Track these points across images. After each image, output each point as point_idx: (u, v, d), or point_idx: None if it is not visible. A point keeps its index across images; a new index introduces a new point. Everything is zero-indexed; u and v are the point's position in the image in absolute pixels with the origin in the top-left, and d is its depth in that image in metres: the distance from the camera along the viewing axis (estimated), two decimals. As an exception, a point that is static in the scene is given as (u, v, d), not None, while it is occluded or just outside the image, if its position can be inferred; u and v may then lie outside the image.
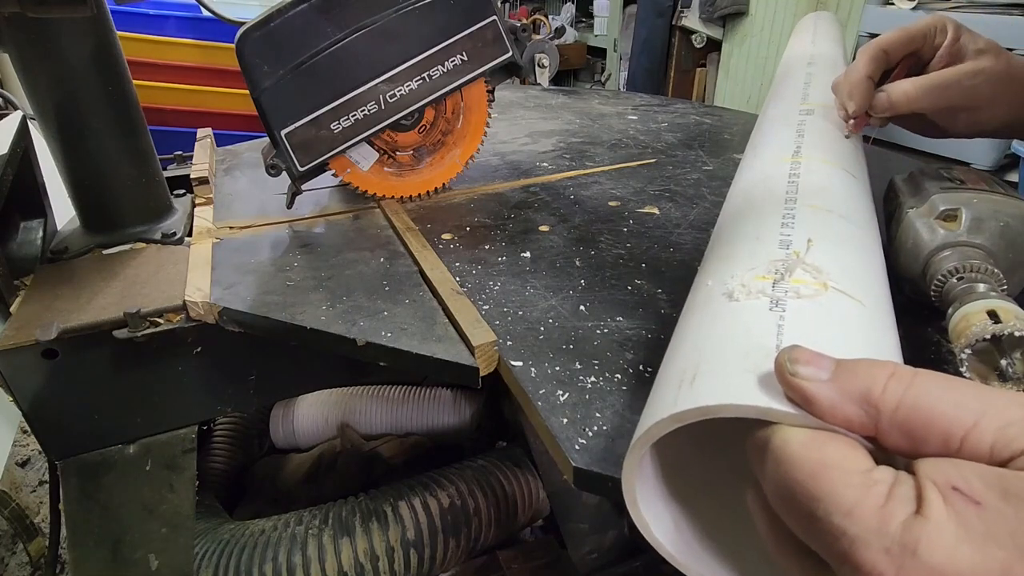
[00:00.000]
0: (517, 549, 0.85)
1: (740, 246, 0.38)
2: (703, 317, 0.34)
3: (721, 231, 0.45)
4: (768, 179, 0.46)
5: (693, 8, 3.02)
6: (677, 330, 0.37)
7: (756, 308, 0.31)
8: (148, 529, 0.62)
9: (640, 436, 0.28)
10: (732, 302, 0.32)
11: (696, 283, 0.41)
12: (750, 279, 0.33)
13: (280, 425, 0.98)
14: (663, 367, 0.34)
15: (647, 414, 0.29)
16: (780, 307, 0.30)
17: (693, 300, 0.38)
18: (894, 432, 0.22)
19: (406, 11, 0.66)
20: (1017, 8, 1.68)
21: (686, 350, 0.32)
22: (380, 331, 0.51)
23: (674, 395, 0.28)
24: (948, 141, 1.70)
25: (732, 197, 0.51)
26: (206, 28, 2.42)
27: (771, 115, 0.62)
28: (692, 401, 0.26)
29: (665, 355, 0.35)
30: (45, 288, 0.60)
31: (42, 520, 1.21)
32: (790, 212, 0.40)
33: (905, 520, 0.20)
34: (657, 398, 0.30)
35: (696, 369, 0.28)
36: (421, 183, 0.78)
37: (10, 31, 0.57)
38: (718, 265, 0.38)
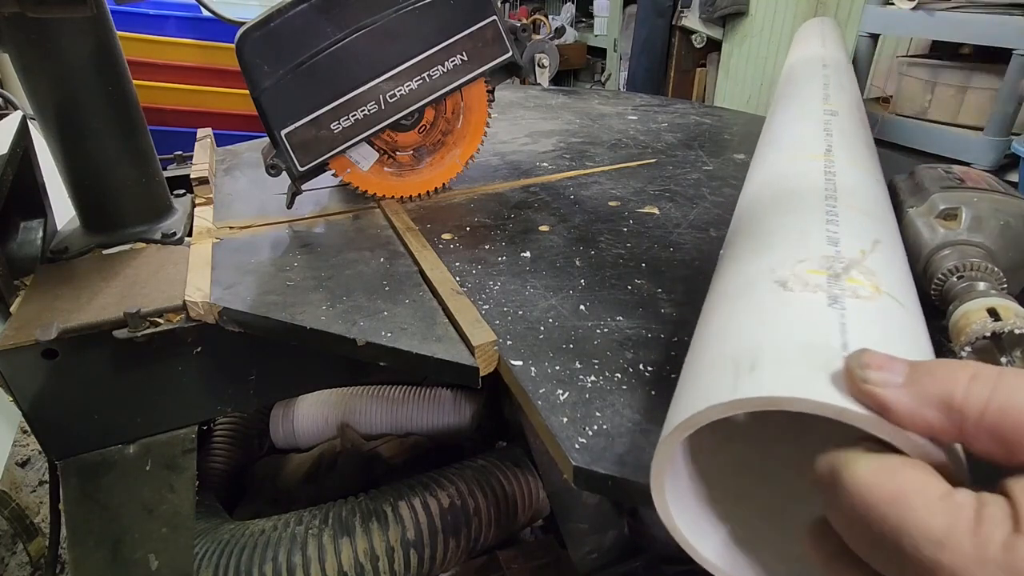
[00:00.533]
0: (517, 549, 0.85)
1: (784, 237, 0.38)
2: (751, 303, 0.33)
3: (751, 218, 0.45)
4: (803, 174, 0.46)
5: (693, 8, 3.02)
6: (713, 311, 0.36)
7: (814, 302, 0.30)
8: (148, 529, 0.62)
9: (688, 418, 0.27)
10: (786, 292, 0.32)
11: (727, 266, 0.40)
12: (802, 271, 0.33)
13: (280, 425, 0.98)
14: (699, 351, 0.33)
15: (693, 397, 0.28)
16: (839, 305, 0.30)
17: (728, 283, 0.37)
18: (983, 436, 0.21)
19: (406, 11, 0.66)
20: (1017, 8, 1.68)
21: (736, 335, 0.31)
22: (380, 331, 0.51)
23: (731, 381, 0.27)
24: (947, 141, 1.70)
25: (757, 183, 0.51)
26: (206, 28, 2.42)
27: (794, 111, 0.62)
28: (756, 389, 0.25)
29: (699, 336, 0.35)
30: (45, 288, 0.60)
31: (42, 520, 1.21)
32: (832, 210, 0.40)
33: (1005, 541, 0.19)
34: (706, 382, 0.29)
35: (754, 357, 0.27)
36: (421, 183, 0.78)
37: (10, 31, 0.57)
38: (758, 251, 0.38)
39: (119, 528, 0.61)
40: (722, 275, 0.40)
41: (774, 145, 0.57)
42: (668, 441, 0.28)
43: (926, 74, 1.92)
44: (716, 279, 0.41)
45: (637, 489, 0.37)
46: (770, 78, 2.76)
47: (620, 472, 0.37)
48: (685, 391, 0.30)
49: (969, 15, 1.75)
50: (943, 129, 1.91)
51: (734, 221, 0.49)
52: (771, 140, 0.59)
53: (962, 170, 0.53)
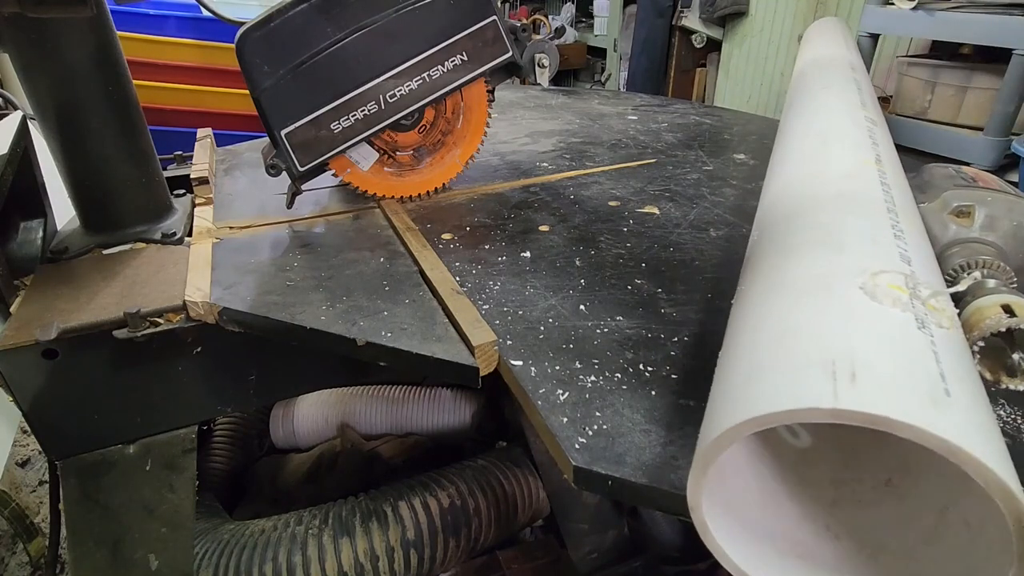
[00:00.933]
0: (517, 549, 0.85)
1: (854, 239, 0.37)
2: (835, 305, 0.31)
3: (802, 212, 0.43)
4: (860, 177, 0.46)
5: (693, 8, 3.02)
6: (766, 304, 0.34)
7: (904, 321, 0.29)
8: (148, 529, 0.62)
9: (773, 413, 0.25)
10: (873, 302, 0.31)
11: (777, 259, 0.38)
12: (884, 283, 0.32)
13: (280, 425, 0.98)
14: (766, 340, 0.31)
15: (773, 393, 0.26)
16: (927, 331, 0.29)
17: (793, 278, 0.35)
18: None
19: (406, 11, 0.66)
20: (1017, 8, 1.68)
21: (819, 336, 0.29)
22: (380, 331, 0.51)
23: (830, 387, 0.25)
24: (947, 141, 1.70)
25: (799, 175, 0.49)
26: (206, 28, 2.42)
27: (836, 109, 0.60)
28: (863, 404, 0.24)
29: (754, 326, 0.33)
30: (45, 288, 0.60)
31: (42, 520, 1.20)
32: (896, 224, 0.39)
33: None
34: (790, 380, 0.27)
35: (852, 366, 0.26)
36: (421, 183, 0.78)
37: (10, 31, 0.57)
38: (828, 249, 0.36)
39: (119, 528, 0.61)
40: (771, 264, 0.38)
41: (819, 137, 0.55)
42: (739, 429, 0.26)
43: (926, 74, 1.92)
44: (759, 265, 0.39)
45: (637, 489, 0.37)
46: (770, 78, 2.76)
47: (620, 472, 0.37)
48: (756, 382, 0.28)
49: (969, 15, 1.75)
50: (943, 129, 1.91)
51: (768, 204, 0.48)
52: (804, 132, 0.58)
53: (973, 171, 0.53)
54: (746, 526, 0.32)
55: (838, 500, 0.33)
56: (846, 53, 0.78)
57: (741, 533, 0.32)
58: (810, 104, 0.64)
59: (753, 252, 0.43)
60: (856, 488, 0.33)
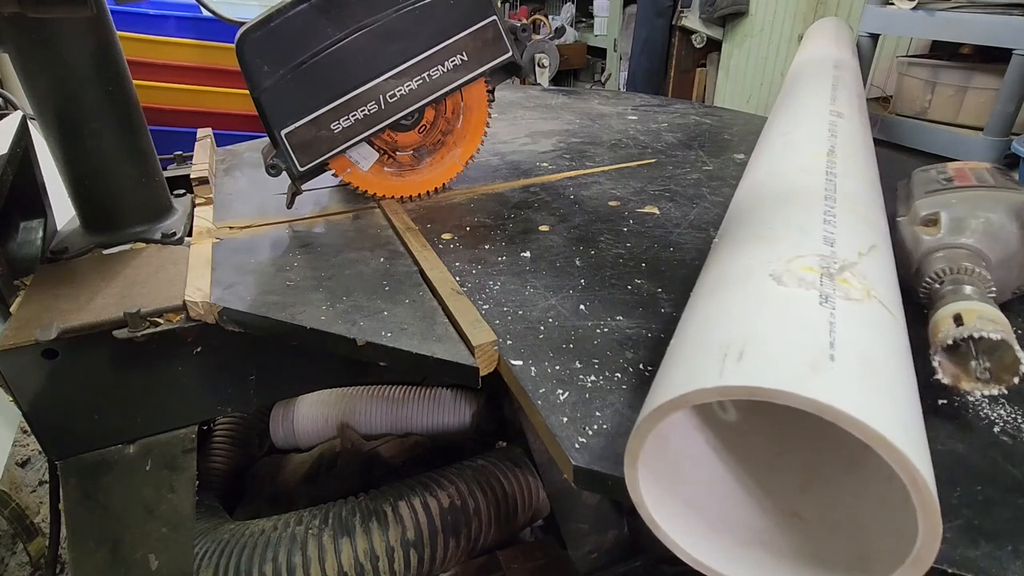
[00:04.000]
0: (517, 549, 0.85)
1: (781, 231, 0.39)
2: (744, 293, 0.33)
3: (751, 209, 0.45)
4: (804, 171, 0.47)
5: (693, 8, 3.02)
6: (702, 297, 0.36)
7: (806, 299, 0.31)
8: (148, 529, 0.62)
9: (671, 400, 0.27)
10: (779, 286, 0.32)
11: (723, 254, 0.40)
12: (797, 267, 0.33)
13: (280, 425, 0.98)
14: (686, 334, 0.33)
15: (678, 379, 0.28)
16: (830, 304, 0.30)
17: (723, 271, 0.38)
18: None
19: (406, 11, 0.66)
20: (1017, 8, 1.68)
21: (723, 323, 0.31)
22: (380, 331, 0.51)
23: (718, 367, 0.27)
24: (947, 141, 1.70)
25: (759, 174, 0.51)
26: (206, 28, 2.42)
27: (802, 108, 0.62)
28: (744, 379, 0.26)
29: (687, 320, 0.35)
30: (45, 288, 0.60)
31: (42, 520, 1.20)
32: (831, 210, 0.40)
33: None
34: (690, 366, 0.29)
35: (743, 346, 0.28)
36: (421, 183, 0.78)
37: (10, 31, 0.57)
38: (756, 243, 0.38)
39: (119, 528, 0.61)
40: (716, 260, 0.40)
41: (780, 138, 0.57)
42: (649, 421, 0.28)
43: (926, 74, 1.92)
44: (709, 264, 0.41)
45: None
46: (770, 78, 2.76)
47: (620, 472, 0.37)
48: (669, 372, 0.30)
49: (969, 15, 1.75)
50: (943, 129, 1.91)
51: (732, 206, 0.50)
52: (777, 132, 0.59)
53: (956, 167, 0.53)
54: (705, 519, 0.33)
55: (807, 484, 0.34)
56: (835, 52, 0.78)
57: (699, 525, 0.33)
58: (785, 106, 0.66)
59: (709, 253, 0.45)
60: (823, 471, 0.34)
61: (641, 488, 0.31)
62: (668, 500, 0.32)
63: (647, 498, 0.31)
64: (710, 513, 0.33)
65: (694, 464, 0.34)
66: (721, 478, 0.35)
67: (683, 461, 0.34)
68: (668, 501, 0.32)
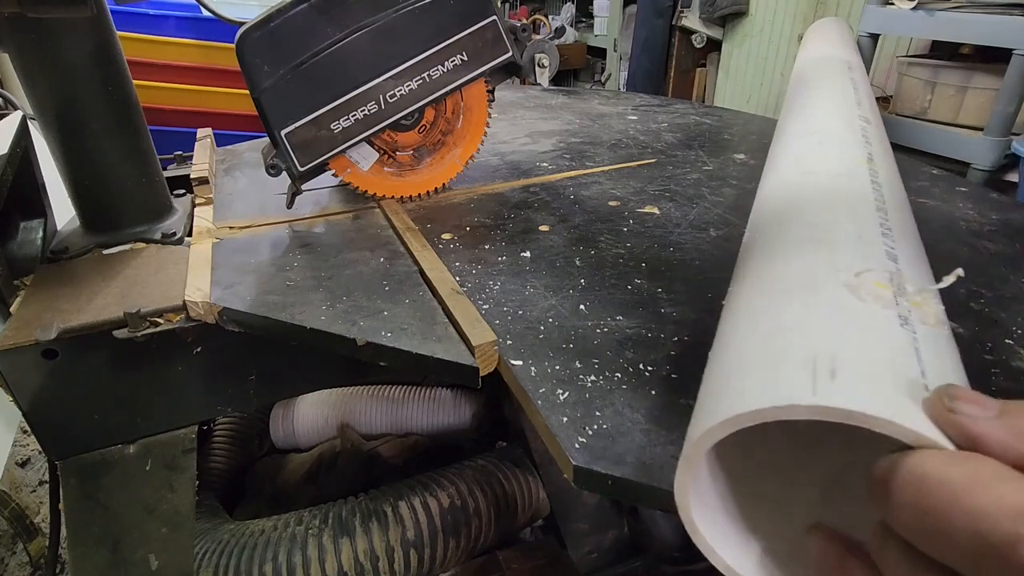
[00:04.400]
0: (517, 549, 0.85)
1: (842, 238, 0.37)
2: (820, 303, 0.31)
3: (795, 209, 0.43)
4: (851, 175, 0.45)
5: (693, 8, 3.02)
6: (755, 303, 0.34)
7: (887, 319, 0.29)
8: (148, 529, 0.62)
9: (750, 411, 0.26)
10: (857, 301, 0.31)
11: (768, 256, 0.38)
12: (869, 281, 0.32)
13: (280, 425, 0.98)
14: (748, 341, 0.31)
15: (749, 392, 0.27)
16: (910, 327, 0.29)
17: (789, 275, 0.35)
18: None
19: (406, 11, 0.66)
20: (1017, 8, 1.68)
21: (807, 334, 0.29)
22: (380, 331, 0.51)
23: (808, 383, 0.25)
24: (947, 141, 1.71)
25: (793, 175, 0.49)
26: (206, 28, 2.42)
27: (830, 107, 0.60)
28: (841, 400, 0.24)
29: (735, 328, 0.33)
30: (45, 288, 0.60)
31: (42, 520, 1.20)
32: (885, 222, 0.39)
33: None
34: (769, 379, 0.27)
35: (833, 364, 0.26)
36: (421, 183, 0.78)
37: (10, 31, 0.57)
38: (815, 248, 0.36)
39: (119, 528, 0.61)
40: (764, 260, 0.38)
41: (814, 136, 0.55)
42: (711, 434, 0.27)
43: (926, 74, 1.92)
44: (751, 269, 0.39)
45: (637, 489, 0.37)
46: (770, 78, 2.76)
47: (620, 472, 0.37)
48: (734, 385, 0.28)
49: (969, 15, 1.75)
50: (943, 129, 1.91)
51: (765, 203, 0.48)
52: (807, 130, 0.57)
53: None
54: (738, 525, 0.32)
55: (828, 496, 0.33)
56: (843, 52, 0.78)
57: (733, 532, 0.31)
58: (805, 105, 0.64)
59: (744, 252, 0.43)
60: (845, 482, 0.33)
61: (692, 503, 0.29)
62: (712, 508, 0.31)
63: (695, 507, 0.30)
64: (742, 519, 0.32)
65: (726, 468, 0.33)
66: (753, 483, 0.34)
67: (719, 462, 0.33)
68: (712, 510, 0.31)
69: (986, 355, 0.47)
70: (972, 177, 1.84)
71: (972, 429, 0.22)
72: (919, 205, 0.76)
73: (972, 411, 0.23)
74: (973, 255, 0.63)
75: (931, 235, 0.67)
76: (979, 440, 0.22)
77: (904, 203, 0.46)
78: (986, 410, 0.23)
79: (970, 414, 0.23)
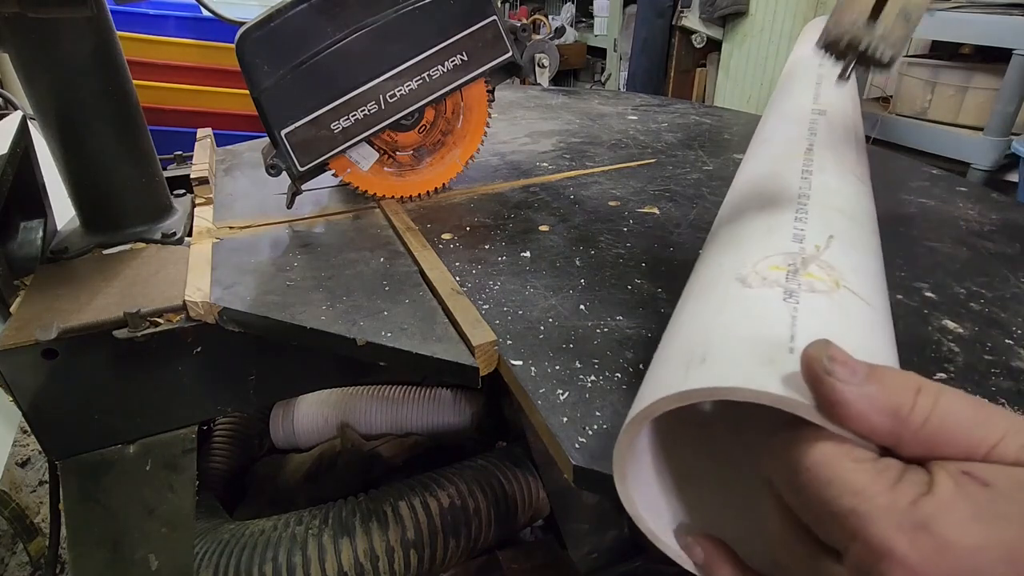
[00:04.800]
0: (517, 549, 0.85)
1: (751, 235, 0.39)
2: (710, 300, 0.34)
3: (728, 218, 0.46)
4: (779, 174, 0.47)
5: (693, 8, 3.02)
6: (679, 311, 0.37)
7: (769, 297, 0.31)
8: (148, 529, 0.62)
9: (641, 411, 0.28)
10: (745, 288, 0.32)
11: (699, 266, 0.41)
12: (764, 268, 0.33)
13: (280, 425, 0.98)
14: (663, 346, 0.34)
15: (646, 392, 0.29)
16: (794, 299, 0.30)
17: (696, 282, 0.38)
18: (915, 446, 0.23)
19: (406, 11, 0.66)
20: (1017, 8, 1.68)
21: (692, 331, 0.32)
22: (380, 331, 0.51)
23: (682, 374, 0.28)
24: (947, 141, 1.70)
25: (739, 185, 0.52)
26: (206, 28, 2.42)
27: (782, 109, 0.62)
28: (703, 380, 0.26)
29: (665, 335, 0.36)
30: (45, 288, 0.60)
31: (42, 520, 1.20)
32: (803, 207, 0.40)
33: (915, 499, 0.21)
34: (659, 376, 0.30)
35: (705, 351, 0.28)
36: (421, 183, 0.78)
37: (10, 31, 0.57)
38: (726, 250, 0.39)
39: (119, 528, 0.61)
40: (692, 276, 0.41)
41: (759, 144, 0.58)
42: (628, 430, 0.29)
43: (926, 74, 1.92)
44: (693, 271, 0.42)
45: (637, 489, 0.37)
46: (770, 78, 2.76)
47: (620, 472, 0.37)
48: (645, 384, 0.31)
49: (969, 15, 1.75)
50: (943, 129, 1.91)
51: (714, 224, 0.50)
52: (759, 139, 0.60)
53: None
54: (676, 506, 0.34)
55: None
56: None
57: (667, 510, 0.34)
58: (769, 112, 0.66)
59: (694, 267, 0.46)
60: None
61: (634, 499, 0.32)
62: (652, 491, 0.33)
63: (641, 507, 0.32)
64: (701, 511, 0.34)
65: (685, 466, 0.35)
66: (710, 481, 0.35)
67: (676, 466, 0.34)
68: (652, 492, 0.33)
69: (986, 355, 0.47)
70: (972, 177, 1.84)
71: (839, 393, 0.23)
72: (919, 205, 0.76)
73: (844, 374, 0.24)
74: (973, 255, 0.63)
75: (931, 235, 0.67)
76: (839, 405, 0.23)
77: (846, 179, 0.47)
78: (855, 375, 0.24)
79: (841, 376, 0.24)
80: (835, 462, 0.23)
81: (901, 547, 0.20)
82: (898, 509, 0.21)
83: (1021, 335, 0.50)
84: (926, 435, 0.23)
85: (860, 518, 0.21)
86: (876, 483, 0.22)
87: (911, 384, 0.24)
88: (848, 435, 0.24)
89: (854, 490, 0.22)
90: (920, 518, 0.20)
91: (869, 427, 0.23)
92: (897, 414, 0.23)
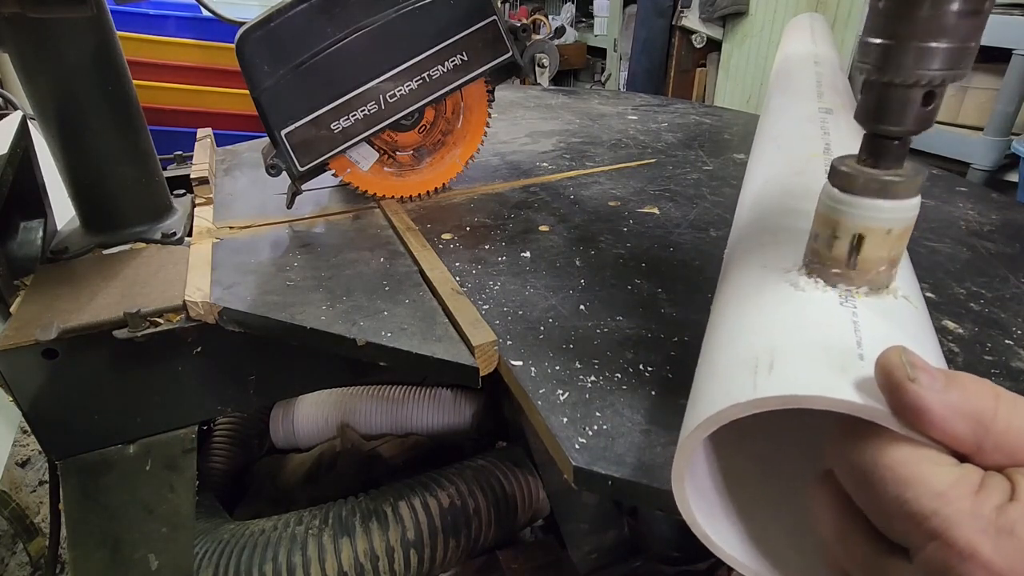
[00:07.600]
0: (517, 549, 0.85)
1: (791, 235, 0.38)
2: (763, 303, 0.33)
3: (757, 218, 0.45)
4: (803, 173, 0.47)
5: (693, 8, 3.02)
6: (721, 312, 0.37)
7: (826, 300, 0.31)
8: (148, 529, 0.62)
9: (710, 417, 0.27)
10: (798, 291, 0.32)
11: (734, 267, 0.40)
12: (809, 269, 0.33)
13: (280, 425, 0.98)
14: (713, 349, 0.33)
15: (713, 397, 0.29)
16: (850, 303, 0.30)
17: (737, 283, 0.38)
18: (996, 453, 0.23)
19: (406, 11, 0.66)
20: (1017, 8, 1.68)
21: (751, 335, 0.31)
22: (380, 331, 0.51)
23: (751, 381, 0.27)
24: (947, 141, 1.70)
25: (761, 184, 0.51)
26: (206, 28, 2.42)
27: (790, 109, 0.62)
28: (775, 389, 0.26)
29: (712, 338, 0.35)
30: (45, 288, 0.60)
31: (42, 520, 1.20)
32: None
33: (999, 505, 0.21)
34: (723, 382, 0.29)
35: (771, 357, 0.28)
36: (421, 183, 0.78)
37: (10, 31, 0.57)
38: (765, 251, 0.38)
39: (119, 528, 0.61)
40: (730, 276, 0.40)
41: (773, 143, 0.57)
42: (690, 440, 0.28)
43: (926, 74, 1.91)
44: (724, 280, 0.41)
45: (637, 489, 0.37)
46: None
47: (620, 472, 0.37)
48: (704, 391, 0.30)
49: (969, 15, 1.74)
50: (943, 129, 1.91)
51: (737, 220, 0.49)
52: (770, 137, 0.59)
53: None
54: (736, 517, 0.33)
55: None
56: (812, 47, 0.78)
57: (729, 523, 0.33)
58: (772, 109, 0.66)
59: (724, 265, 0.45)
60: None
61: (691, 506, 0.31)
62: (710, 501, 0.33)
63: (698, 515, 0.31)
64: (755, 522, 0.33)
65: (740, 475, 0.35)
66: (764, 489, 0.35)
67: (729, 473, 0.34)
68: (710, 502, 0.33)
69: (986, 355, 0.47)
70: (972, 177, 1.84)
71: (923, 401, 0.23)
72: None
73: (925, 381, 0.23)
74: (973, 255, 0.63)
75: (931, 235, 0.67)
76: (923, 412, 0.23)
77: None
78: (935, 381, 0.24)
79: (924, 383, 0.23)
80: (916, 463, 0.23)
81: (986, 550, 0.20)
82: (982, 514, 0.21)
83: (1021, 335, 0.50)
84: (1008, 442, 0.23)
85: (943, 520, 0.21)
86: (959, 487, 0.22)
87: (991, 391, 0.24)
88: (926, 441, 0.24)
89: (937, 492, 0.22)
90: (1005, 524, 0.21)
91: (952, 434, 0.23)
92: (980, 421, 0.23)
